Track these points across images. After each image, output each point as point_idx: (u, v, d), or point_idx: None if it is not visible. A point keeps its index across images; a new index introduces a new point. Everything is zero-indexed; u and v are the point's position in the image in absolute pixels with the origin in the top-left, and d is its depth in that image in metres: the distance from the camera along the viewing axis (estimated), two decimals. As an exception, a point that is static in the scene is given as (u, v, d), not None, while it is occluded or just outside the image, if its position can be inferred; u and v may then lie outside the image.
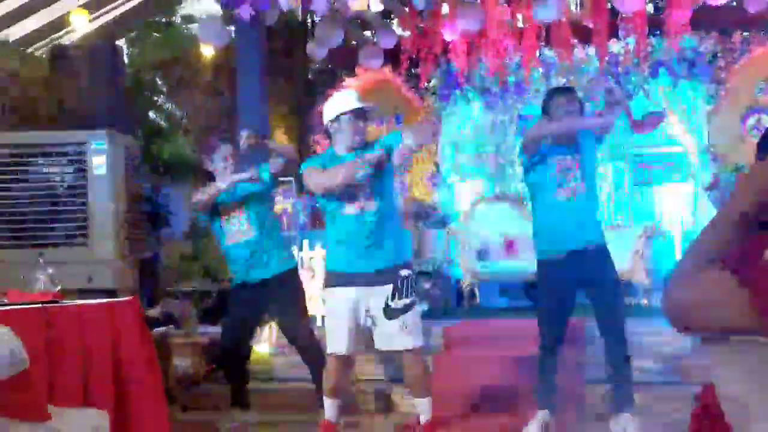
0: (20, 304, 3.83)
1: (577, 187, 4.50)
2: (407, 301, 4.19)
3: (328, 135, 4.48)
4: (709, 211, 8.08)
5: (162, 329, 6.05)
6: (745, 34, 8.57)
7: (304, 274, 7.07)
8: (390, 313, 4.18)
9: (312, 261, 7.23)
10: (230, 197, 4.99)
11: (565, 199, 4.48)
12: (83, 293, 4.87)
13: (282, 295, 5.06)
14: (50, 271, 4.15)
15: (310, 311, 7.11)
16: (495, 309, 8.50)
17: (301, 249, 7.24)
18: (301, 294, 5.12)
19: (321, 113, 9.52)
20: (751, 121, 8.43)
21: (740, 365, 1.26)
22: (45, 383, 3.59)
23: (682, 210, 8.60)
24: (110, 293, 5.45)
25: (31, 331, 3.52)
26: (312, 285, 7.10)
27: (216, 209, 5.04)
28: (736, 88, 8.59)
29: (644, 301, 7.82)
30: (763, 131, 1.84)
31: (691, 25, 7.54)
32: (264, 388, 5.85)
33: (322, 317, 6.39)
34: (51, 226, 6.29)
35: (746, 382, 1.26)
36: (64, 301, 4.07)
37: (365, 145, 4.31)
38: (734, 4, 7.50)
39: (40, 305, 3.85)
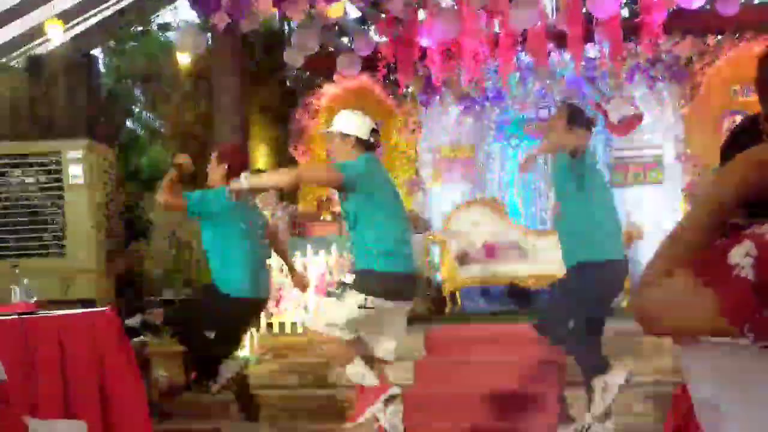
0: (-4, 316, 3.80)
1: None
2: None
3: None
4: (685, 213, 8.15)
5: (141, 339, 6.01)
6: (719, 37, 8.66)
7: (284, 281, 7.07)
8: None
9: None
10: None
11: None
12: (60, 304, 4.83)
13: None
14: (26, 282, 4.12)
15: (293, 317, 7.12)
16: (476, 313, 8.52)
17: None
18: None
19: (298, 120, 9.54)
20: (727, 122, 8.51)
21: (710, 367, 1.27)
22: (23, 395, 3.56)
23: (660, 212, 8.66)
24: (88, 303, 5.41)
25: (7, 343, 3.50)
26: (293, 292, 7.09)
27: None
28: (712, 90, 8.68)
29: (624, 303, 7.86)
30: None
31: (665, 29, 7.61)
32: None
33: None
34: (27, 236, 6.25)
35: (716, 383, 1.27)
36: (41, 312, 4.04)
37: None
38: (708, 7, 7.58)
39: (16, 317, 3.82)
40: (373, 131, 4.39)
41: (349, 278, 4.27)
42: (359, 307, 4.16)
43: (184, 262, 8.53)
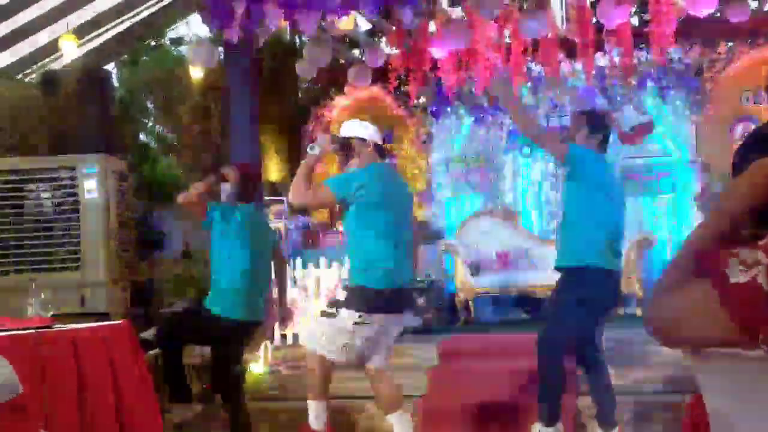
0: (12, 330, 3.83)
1: None
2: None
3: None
4: (697, 221, 8.12)
5: (156, 351, 6.03)
6: (729, 44, 8.64)
7: (297, 293, 7.10)
8: None
9: (305, 280, 7.25)
10: None
11: None
12: (76, 317, 4.86)
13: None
14: (42, 296, 4.15)
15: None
16: (489, 323, 8.51)
17: (294, 268, 7.26)
18: None
19: (311, 132, 9.59)
20: (738, 130, 8.49)
21: (722, 377, 1.27)
22: (39, 409, 3.58)
23: (671, 220, 8.64)
24: (103, 317, 5.45)
25: (24, 357, 3.52)
26: (307, 304, 7.12)
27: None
28: (723, 97, 8.65)
29: (637, 311, 7.84)
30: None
31: (676, 37, 7.60)
32: (259, 407, 5.84)
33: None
34: (43, 251, 6.29)
35: (728, 394, 1.27)
36: (57, 326, 4.07)
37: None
38: (717, 15, 7.56)
39: (32, 331, 3.85)
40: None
41: (342, 295, 4.28)
42: (354, 324, 4.16)
43: (197, 273, 8.56)
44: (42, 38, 7.78)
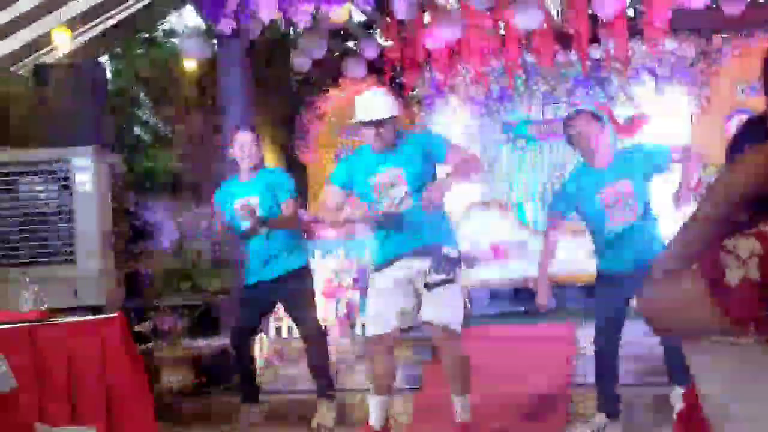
0: (6, 324, 3.82)
1: None
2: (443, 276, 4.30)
3: None
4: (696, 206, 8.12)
5: (150, 344, 6.03)
6: (725, 36, 8.63)
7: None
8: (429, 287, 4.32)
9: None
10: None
11: None
12: (70, 311, 4.85)
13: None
14: (36, 289, 4.14)
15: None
16: (485, 315, 8.51)
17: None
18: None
19: (305, 123, 9.55)
20: (734, 122, 8.48)
21: (716, 365, 1.28)
22: (33, 403, 3.58)
23: (666, 212, 8.62)
24: (97, 310, 5.44)
25: (17, 350, 3.52)
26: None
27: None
28: (719, 89, 8.65)
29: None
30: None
31: (671, 28, 7.59)
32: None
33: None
34: (36, 243, 6.26)
35: (721, 382, 1.27)
36: (51, 320, 4.06)
37: (395, 145, 4.46)
38: (714, 6, 7.56)
39: (26, 324, 3.84)
40: None
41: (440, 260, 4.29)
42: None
43: (190, 266, 8.56)
44: (34, 31, 7.74)
